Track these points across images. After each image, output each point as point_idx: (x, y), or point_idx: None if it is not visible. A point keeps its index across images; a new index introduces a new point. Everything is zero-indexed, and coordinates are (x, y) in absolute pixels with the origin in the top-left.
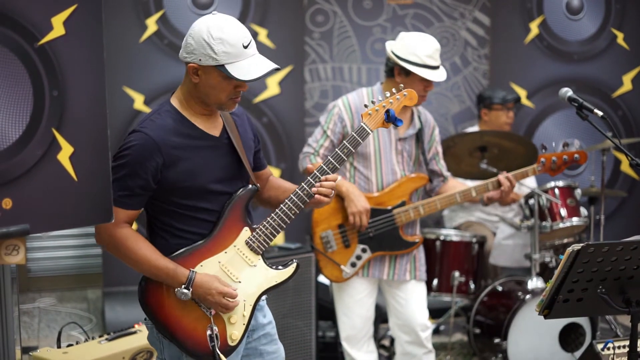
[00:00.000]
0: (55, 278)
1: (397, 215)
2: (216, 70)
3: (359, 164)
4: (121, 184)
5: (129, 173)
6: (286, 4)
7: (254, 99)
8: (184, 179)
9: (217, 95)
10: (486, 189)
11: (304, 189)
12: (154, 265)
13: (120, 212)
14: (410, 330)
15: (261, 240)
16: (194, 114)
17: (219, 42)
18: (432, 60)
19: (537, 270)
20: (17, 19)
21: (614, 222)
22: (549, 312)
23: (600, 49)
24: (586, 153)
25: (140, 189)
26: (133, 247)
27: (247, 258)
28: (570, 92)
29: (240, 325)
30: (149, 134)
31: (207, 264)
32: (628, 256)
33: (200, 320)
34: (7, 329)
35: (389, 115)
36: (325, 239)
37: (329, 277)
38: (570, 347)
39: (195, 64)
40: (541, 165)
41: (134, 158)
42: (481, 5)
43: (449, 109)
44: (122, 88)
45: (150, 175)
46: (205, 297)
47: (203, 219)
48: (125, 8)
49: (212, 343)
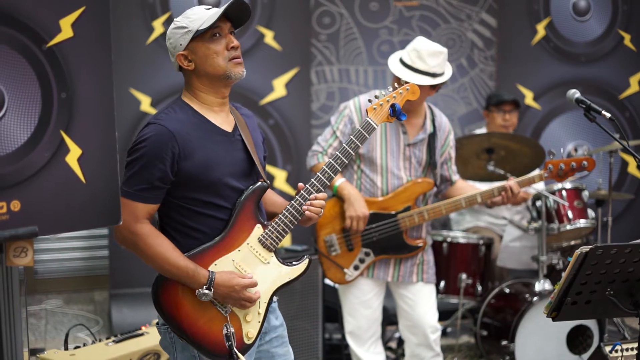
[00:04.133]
0: (62, 280)
1: (401, 220)
2: (197, 41)
3: (365, 167)
4: (139, 178)
5: (146, 165)
6: (293, 6)
7: (260, 101)
8: (200, 171)
9: (214, 63)
10: (491, 195)
11: (314, 184)
12: (174, 264)
13: (140, 206)
14: (419, 331)
15: (274, 237)
16: (207, 109)
17: (183, 19)
18: (422, 63)
19: (544, 273)
20: (25, 21)
21: (622, 224)
22: (557, 314)
23: (607, 51)
24: (594, 160)
25: (159, 181)
26: (154, 244)
27: (260, 255)
28: (578, 93)
29: (256, 323)
30: (164, 124)
31: (220, 263)
32: (636, 258)
33: (215, 320)
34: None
35: (394, 109)
36: (329, 242)
37: (333, 279)
38: (578, 350)
39: (180, 52)
40: (548, 172)
41: (150, 150)
42: (488, 6)
43: (455, 111)
44: (129, 90)
45: (169, 166)
46: (229, 295)
47: (215, 216)
48: (132, 10)
49: (229, 342)
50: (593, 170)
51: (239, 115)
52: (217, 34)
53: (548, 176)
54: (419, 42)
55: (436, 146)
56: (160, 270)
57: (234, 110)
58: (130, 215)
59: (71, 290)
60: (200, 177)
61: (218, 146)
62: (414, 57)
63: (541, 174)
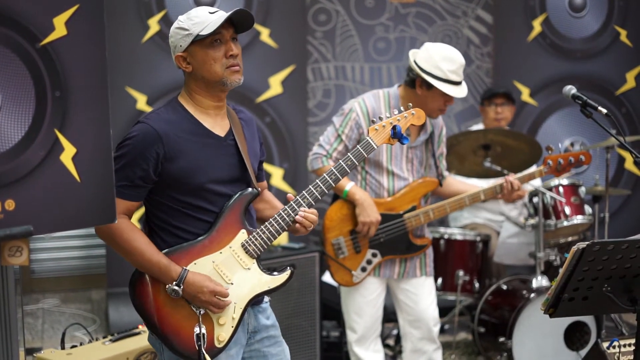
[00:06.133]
0: (59, 279)
1: (407, 220)
2: (196, 45)
3: (370, 169)
4: (121, 174)
5: (129, 162)
6: (288, 3)
7: (256, 99)
8: (183, 174)
9: (211, 69)
10: (494, 192)
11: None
12: (147, 258)
13: (119, 202)
14: (422, 325)
15: (257, 244)
16: (202, 111)
17: (186, 20)
18: (456, 75)
19: (541, 269)
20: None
21: (619, 220)
22: (554, 310)
23: (603, 47)
24: (591, 154)
25: (140, 180)
26: (129, 238)
27: (241, 260)
28: (575, 89)
29: (229, 327)
30: (152, 124)
31: (200, 263)
32: (634, 254)
33: (188, 318)
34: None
35: (395, 132)
36: (336, 245)
37: (340, 281)
38: (576, 346)
39: (180, 53)
40: (547, 167)
41: (134, 148)
42: (484, 3)
43: (452, 108)
44: (125, 88)
45: (151, 166)
46: (196, 296)
47: (201, 218)
48: (127, 8)
49: (199, 343)
50: (590, 164)
51: (237, 119)
52: (218, 40)
53: (547, 171)
54: (444, 50)
55: (434, 144)
56: (134, 264)
57: (232, 114)
58: None
59: (68, 289)
60: (183, 180)
61: (206, 150)
62: (447, 70)
63: (541, 169)
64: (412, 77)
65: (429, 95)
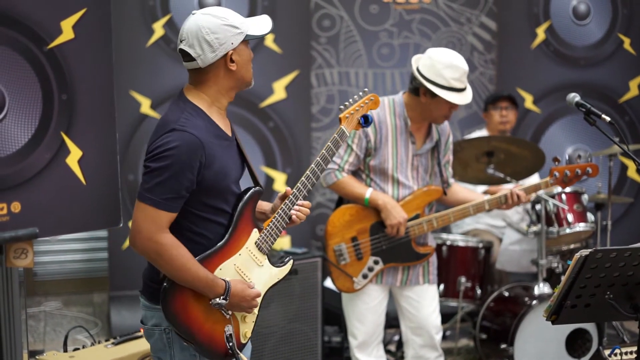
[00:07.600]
0: (62, 282)
1: (411, 228)
2: (244, 43)
3: (375, 177)
4: (166, 187)
5: (175, 174)
6: (293, 9)
7: (260, 104)
8: (217, 179)
9: (249, 70)
10: (499, 203)
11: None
12: (195, 274)
13: (164, 216)
14: (424, 332)
15: (268, 240)
16: (215, 111)
17: (234, 17)
18: (459, 82)
19: (543, 276)
20: (27, 22)
21: (621, 227)
22: (556, 317)
23: (607, 54)
24: (598, 167)
25: (186, 191)
26: (177, 254)
27: (256, 259)
28: (578, 97)
29: (251, 323)
30: (193, 132)
31: (225, 267)
32: (636, 262)
33: (219, 322)
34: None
35: (366, 120)
36: (338, 251)
37: (341, 288)
38: (577, 353)
39: (230, 50)
40: (554, 179)
41: (179, 158)
42: (488, 10)
43: (455, 114)
44: (129, 92)
45: (195, 175)
46: (240, 304)
47: (218, 221)
48: (132, 12)
49: (231, 343)
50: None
51: None
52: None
53: (554, 183)
54: (447, 57)
55: (440, 152)
56: (177, 279)
57: None
58: (154, 224)
59: (70, 292)
60: (216, 185)
61: (226, 152)
62: (450, 78)
63: (547, 180)
64: (415, 86)
65: (433, 103)
